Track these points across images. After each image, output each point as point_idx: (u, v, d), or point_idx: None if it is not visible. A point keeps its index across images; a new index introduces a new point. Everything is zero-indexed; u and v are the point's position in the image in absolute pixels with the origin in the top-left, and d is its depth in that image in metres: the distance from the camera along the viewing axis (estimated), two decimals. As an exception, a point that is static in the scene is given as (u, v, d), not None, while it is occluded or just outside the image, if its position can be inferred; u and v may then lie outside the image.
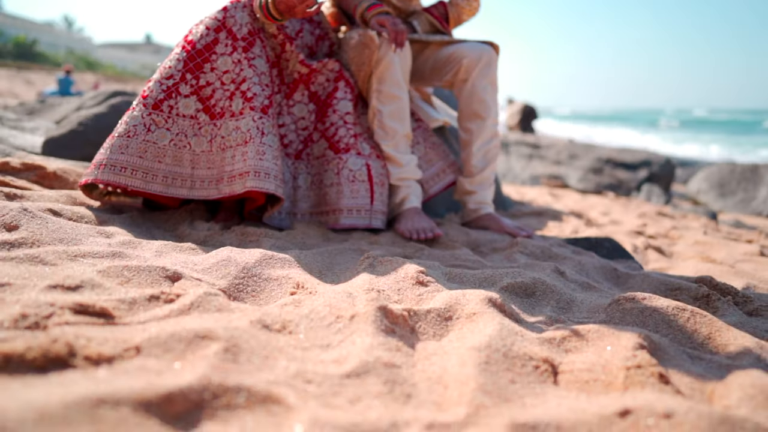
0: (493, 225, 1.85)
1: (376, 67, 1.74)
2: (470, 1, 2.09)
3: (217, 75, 1.55)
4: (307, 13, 1.48)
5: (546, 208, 3.15)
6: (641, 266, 1.67)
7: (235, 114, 1.52)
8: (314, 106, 1.78)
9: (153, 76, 1.56)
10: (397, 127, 1.76)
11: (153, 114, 1.50)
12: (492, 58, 1.84)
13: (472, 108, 1.86)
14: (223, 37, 1.56)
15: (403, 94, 1.76)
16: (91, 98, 4.07)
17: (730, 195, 5.69)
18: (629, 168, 7.14)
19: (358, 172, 1.67)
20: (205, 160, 1.53)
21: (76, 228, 1.18)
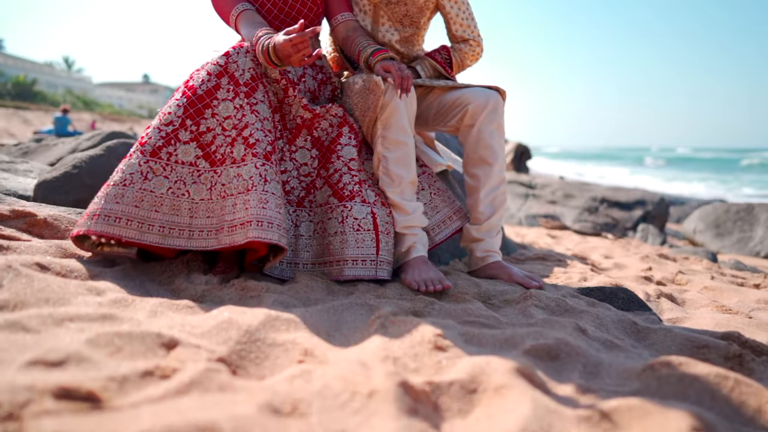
0: (503, 274, 1.78)
1: (381, 113, 1.70)
2: (473, 47, 2.08)
3: (218, 121, 1.50)
4: (304, 61, 1.45)
5: (549, 252, 3.09)
6: (659, 318, 1.59)
7: (237, 161, 1.47)
8: (317, 152, 1.73)
9: (152, 122, 1.51)
10: (402, 174, 1.71)
11: (151, 161, 1.44)
12: (498, 104, 1.81)
13: (479, 154, 1.81)
14: (225, 82, 1.52)
15: (409, 140, 1.72)
16: (87, 139, 4.03)
17: (726, 235, 5.66)
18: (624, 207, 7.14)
19: (363, 220, 1.60)
20: (205, 208, 1.47)
21: (65, 285, 1.10)
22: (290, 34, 1.44)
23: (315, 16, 1.87)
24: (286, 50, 1.44)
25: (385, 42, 2.04)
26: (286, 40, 1.42)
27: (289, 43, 1.42)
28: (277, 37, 1.46)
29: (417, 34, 2.09)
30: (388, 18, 2.02)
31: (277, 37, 1.47)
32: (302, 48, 1.44)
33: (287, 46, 1.42)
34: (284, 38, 1.43)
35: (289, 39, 1.41)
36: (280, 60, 1.49)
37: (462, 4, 2.04)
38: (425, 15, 2.05)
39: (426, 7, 2.03)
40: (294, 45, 1.42)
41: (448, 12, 2.04)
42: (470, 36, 2.07)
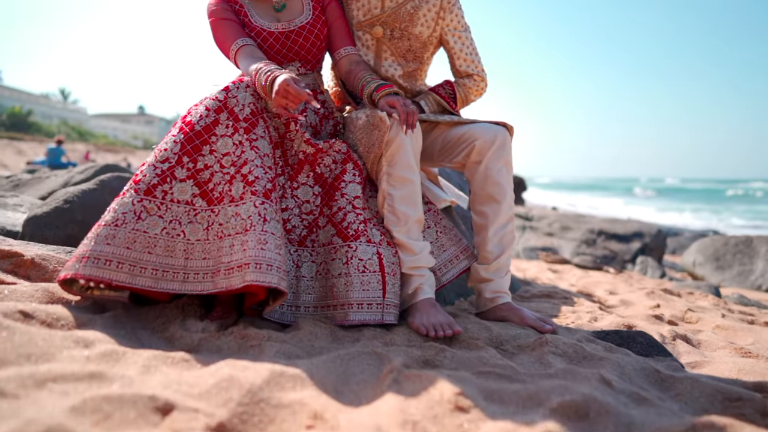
0: (514, 317, 1.70)
1: (386, 149, 1.64)
2: (477, 82, 2.05)
3: (216, 158, 1.43)
4: (284, 111, 1.44)
5: (553, 289, 3.01)
6: (681, 364, 1.51)
7: (235, 199, 1.40)
8: (320, 189, 1.67)
9: (147, 159, 1.44)
10: (409, 212, 1.64)
11: (145, 200, 1.37)
12: (506, 140, 1.76)
13: (487, 191, 1.75)
14: (223, 118, 1.46)
15: (415, 177, 1.66)
16: (79, 172, 3.95)
17: (727, 268, 5.62)
18: (622, 240, 7.11)
19: (368, 261, 1.53)
20: (201, 249, 1.39)
21: (50, 338, 1.01)
22: (297, 82, 1.40)
23: (318, 50, 1.84)
24: (279, 93, 1.41)
25: (388, 77, 2.01)
26: (287, 87, 1.39)
27: (286, 91, 1.39)
28: (281, 75, 1.42)
29: (420, 68, 2.06)
30: (391, 53, 1.99)
31: (281, 74, 1.43)
32: (291, 102, 1.42)
33: (285, 96, 1.41)
34: (286, 83, 1.40)
35: (289, 89, 1.39)
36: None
37: (466, 39, 2.02)
38: (429, 50, 2.03)
39: (429, 42, 2.00)
40: (288, 96, 1.40)
41: (451, 47, 2.01)
42: (474, 71, 2.04)
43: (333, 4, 1.90)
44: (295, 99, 1.39)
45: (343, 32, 1.90)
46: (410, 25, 1.95)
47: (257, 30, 1.74)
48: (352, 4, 1.98)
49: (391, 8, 1.94)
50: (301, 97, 1.38)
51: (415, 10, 1.94)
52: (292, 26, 1.78)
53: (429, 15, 1.96)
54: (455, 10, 1.98)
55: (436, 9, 1.96)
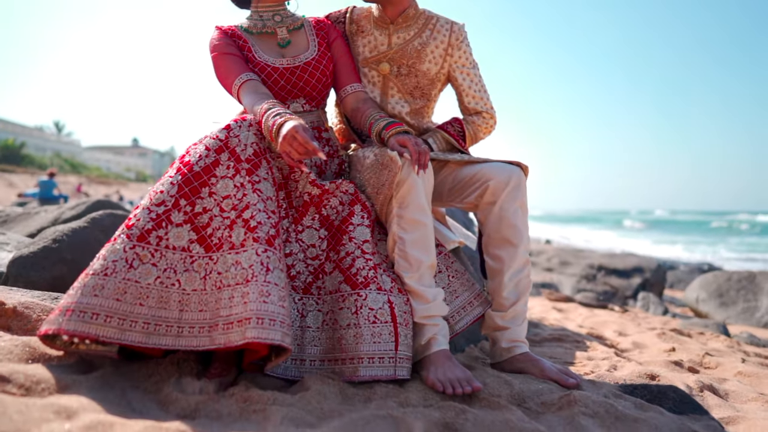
0: (533, 369, 1.58)
1: (396, 191, 1.55)
2: (486, 119, 1.99)
3: (216, 201, 1.33)
4: (290, 162, 1.38)
5: (562, 331, 2.89)
6: (718, 422, 1.39)
7: (236, 246, 1.29)
8: (326, 232, 1.56)
9: (141, 201, 1.34)
10: (421, 257, 1.54)
11: (138, 247, 1.26)
12: (521, 180, 1.67)
13: (502, 234, 1.66)
14: (224, 158, 1.37)
15: (428, 220, 1.56)
16: (70, 208, 3.83)
17: (731, 305, 5.52)
18: (622, 275, 7.02)
19: (379, 311, 1.42)
20: (197, 300, 1.27)
21: (27, 409, 0.89)
22: (306, 130, 1.33)
23: (323, 87, 1.76)
24: (286, 139, 1.33)
25: (395, 114, 1.94)
26: (296, 134, 1.32)
27: (293, 138, 1.32)
28: (290, 122, 1.34)
29: (427, 106, 1.99)
30: (398, 90, 1.93)
31: (290, 120, 1.35)
32: (295, 151, 1.34)
33: (291, 142, 1.32)
34: (295, 130, 1.32)
35: (297, 136, 1.31)
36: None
37: (474, 76, 1.96)
38: (436, 87, 1.97)
39: (437, 79, 1.94)
40: (294, 144, 1.32)
41: (460, 84, 1.95)
42: (483, 108, 1.97)
43: (339, 41, 1.84)
44: (299, 148, 1.31)
45: (349, 69, 1.83)
46: (418, 62, 1.89)
47: (261, 65, 1.66)
48: (358, 40, 1.92)
49: (398, 45, 1.89)
50: (307, 146, 1.30)
51: (423, 47, 1.89)
52: (297, 62, 1.71)
53: (437, 52, 1.90)
54: (463, 47, 1.93)
55: (444, 46, 1.90)
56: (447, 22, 1.93)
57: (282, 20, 1.75)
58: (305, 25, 1.81)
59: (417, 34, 1.90)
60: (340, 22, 1.96)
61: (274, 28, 1.73)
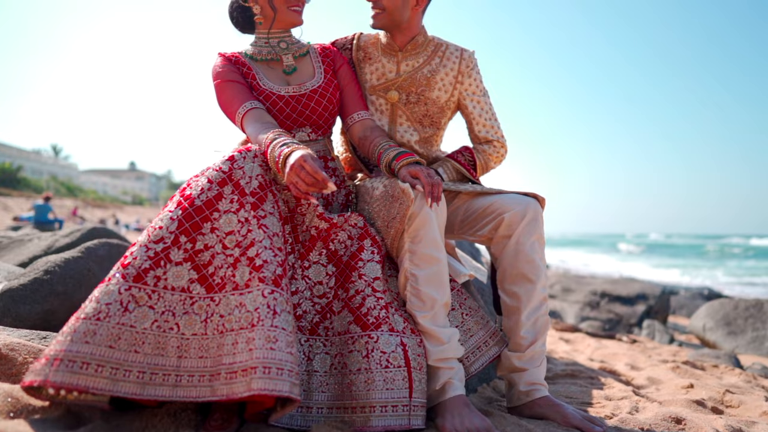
0: (555, 415, 1.48)
1: (408, 224, 1.47)
2: (497, 148, 1.92)
3: (218, 237, 1.25)
4: (298, 193, 1.29)
5: (574, 365, 2.79)
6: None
7: (240, 286, 1.20)
8: (334, 269, 1.47)
9: (138, 238, 1.25)
10: (435, 295, 1.45)
11: (134, 288, 1.17)
12: (538, 213, 1.60)
13: (519, 269, 1.57)
14: (228, 191, 1.28)
15: (441, 256, 1.48)
16: (65, 235, 3.72)
17: (740, 334, 5.41)
18: (626, 302, 6.93)
19: (392, 354, 1.32)
20: (197, 346, 1.18)
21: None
22: (315, 159, 1.25)
23: (330, 115, 1.70)
24: (294, 169, 1.25)
25: (403, 143, 1.87)
26: (304, 163, 1.24)
27: (301, 167, 1.24)
28: (298, 151, 1.26)
29: (436, 134, 1.93)
30: (407, 118, 1.86)
31: (298, 150, 1.27)
32: (302, 181, 1.25)
33: (298, 172, 1.25)
34: (303, 159, 1.24)
35: (305, 165, 1.24)
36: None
37: (485, 104, 1.90)
38: (446, 115, 1.90)
39: (447, 107, 1.88)
40: (301, 174, 1.24)
41: (470, 112, 1.89)
42: (494, 137, 1.91)
43: (345, 68, 1.78)
44: (307, 178, 1.23)
45: (356, 96, 1.77)
46: (427, 90, 1.83)
47: (266, 93, 1.60)
48: (365, 67, 1.86)
49: (407, 72, 1.83)
50: (316, 176, 1.22)
51: (432, 74, 1.83)
52: (303, 90, 1.65)
53: (447, 79, 1.84)
54: (474, 74, 1.87)
55: (454, 73, 1.84)
56: (457, 49, 1.87)
57: (287, 47, 1.69)
58: (311, 52, 1.75)
59: (426, 62, 1.84)
60: (346, 48, 1.90)
61: (280, 55, 1.67)
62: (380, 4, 1.72)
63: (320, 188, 1.23)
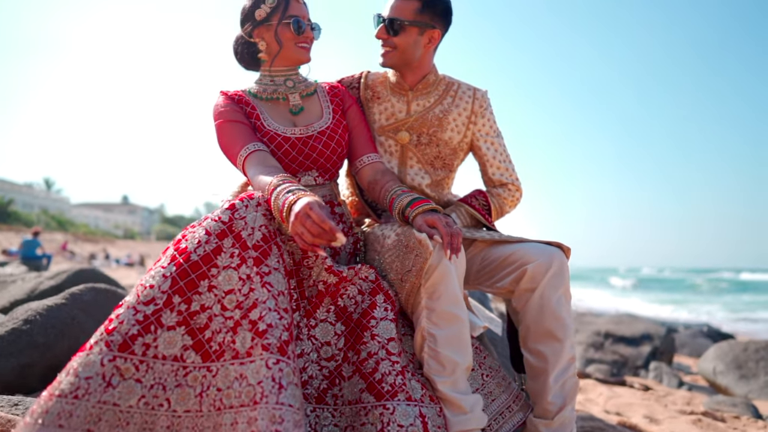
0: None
1: (426, 279, 1.33)
2: (512, 191, 1.81)
3: (216, 296, 1.11)
4: (305, 245, 1.13)
5: (591, 420, 2.61)
6: None
7: (240, 354, 1.05)
8: (343, 327, 1.33)
9: (126, 298, 1.10)
10: (456, 358, 1.31)
11: (119, 359, 1.02)
12: (563, 264, 1.47)
13: (545, 326, 1.44)
14: (228, 244, 1.15)
15: (462, 314, 1.34)
16: (50, 277, 3.55)
17: (752, 378, 5.24)
18: (630, 343, 6.77)
19: (410, 428, 1.16)
20: (191, 425, 1.02)
21: None
22: (323, 207, 1.11)
23: (338, 158, 1.58)
24: (299, 218, 1.10)
25: (414, 186, 1.75)
26: (310, 211, 1.09)
27: (307, 216, 1.09)
28: (304, 198, 1.13)
29: (448, 177, 1.82)
30: (418, 160, 1.75)
31: (304, 197, 1.14)
32: (308, 232, 1.10)
33: (304, 222, 1.10)
34: (310, 206, 1.10)
35: (312, 213, 1.09)
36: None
37: (499, 146, 1.80)
38: (459, 157, 1.80)
39: (460, 148, 1.77)
40: (306, 224, 1.10)
41: (484, 153, 1.79)
42: (509, 180, 1.80)
43: (354, 108, 1.68)
44: (313, 228, 1.08)
45: (365, 138, 1.66)
46: (439, 130, 1.73)
47: (271, 135, 1.49)
48: (373, 107, 1.76)
49: (418, 112, 1.73)
50: (323, 225, 1.08)
51: (445, 115, 1.73)
52: (311, 131, 1.54)
53: (459, 119, 1.74)
54: (487, 114, 1.78)
55: (467, 113, 1.75)
56: (469, 89, 1.79)
57: (294, 86, 1.59)
58: (318, 91, 1.65)
59: (438, 101, 1.75)
60: (353, 87, 1.81)
61: (286, 94, 1.57)
62: (391, 42, 1.64)
63: (328, 239, 1.10)
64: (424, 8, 1.61)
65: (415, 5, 1.60)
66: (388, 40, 1.64)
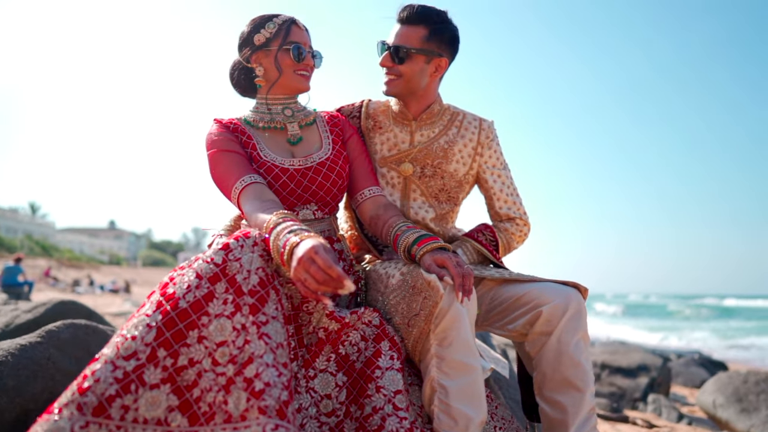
0: None
1: (436, 324, 1.22)
2: (520, 226, 1.72)
3: (207, 349, 0.99)
4: (309, 294, 1.02)
5: (599, 463, 2.49)
6: None
7: (234, 418, 0.93)
8: (345, 378, 1.21)
9: (104, 350, 0.98)
10: (469, 413, 1.19)
11: (92, 425, 0.89)
12: (581, 306, 1.37)
13: (563, 374, 1.33)
14: (221, 289, 1.03)
15: (476, 362, 1.23)
16: (27, 311, 3.38)
17: (753, 411, 5.13)
18: (627, 374, 6.66)
19: (421, 496, 1.04)
20: (175, 500, 0.89)
21: None
22: (328, 251, 1.00)
23: (338, 191, 1.49)
24: (302, 263, 0.99)
25: (417, 220, 1.66)
26: (315, 256, 0.98)
27: (311, 261, 0.98)
28: (308, 241, 1.02)
29: (453, 210, 1.73)
30: (421, 193, 1.66)
31: (307, 240, 1.03)
32: (312, 279, 0.99)
33: (308, 267, 0.99)
34: (315, 251, 0.99)
35: (317, 259, 0.98)
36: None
37: (506, 179, 1.72)
38: (464, 189, 1.71)
39: (465, 180, 1.69)
40: (311, 270, 0.99)
41: (490, 186, 1.70)
42: (516, 214, 1.71)
43: (355, 138, 1.59)
44: (318, 274, 0.97)
45: (366, 170, 1.57)
46: (444, 162, 1.65)
47: (268, 166, 1.39)
48: (375, 137, 1.68)
49: (422, 143, 1.65)
50: (329, 272, 0.97)
51: (450, 146, 1.65)
52: (310, 162, 1.44)
53: (465, 151, 1.66)
54: (494, 145, 1.70)
55: (473, 144, 1.67)
56: (475, 119, 1.71)
57: (293, 114, 1.50)
58: (318, 121, 1.56)
59: (443, 132, 1.67)
60: (353, 116, 1.73)
61: (284, 123, 1.48)
62: (396, 70, 1.56)
63: (334, 287, 0.99)
64: (431, 36, 1.54)
65: (422, 33, 1.53)
66: (392, 67, 1.56)
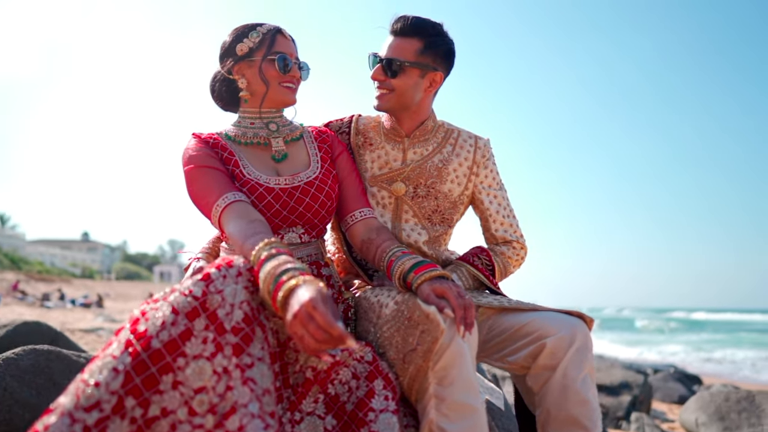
0: None
1: (435, 361, 1.12)
2: (517, 250, 1.65)
3: (183, 397, 0.87)
4: (309, 350, 0.91)
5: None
6: None
7: (213, 477, 0.81)
8: (335, 422, 1.10)
9: (60, 399, 0.85)
10: (472, 459, 1.09)
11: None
12: (587, 339, 1.29)
13: (569, 411, 1.24)
14: (200, 326, 0.91)
15: (479, 403, 1.13)
16: (-13, 332, 3.17)
17: (735, 430, 5.12)
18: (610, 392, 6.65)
19: None
20: None
21: None
22: (326, 302, 0.89)
23: (327, 213, 1.38)
24: (300, 318, 0.88)
25: (410, 243, 1.56)
26: (314, 312, 0.87)
27: (310, 317, 0.87)
28: (306, 290, 0.90)
29: (446, 233, 1.64)
30: (414, 214, 1.57)
31: (305, 287, 0.91)
32: (310, 336, 0.88)
33: (306, 324, 0.87)
34: (313, 305, 0.87)
35: (315, 315, 0.87)
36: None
37: (503, 200, 1.64)
38: (459, 211, 1.63)
39: (460, 201, 1.60)
40: (309, 327, 0.87)
41: (486, 208, 1.62)
42: (513, 237, 1.64)
43: (344, 155, 1.50)
44: (318, 333, 0.86)
45: (357, 190, 1.47)
46: (438, 182, 1.56)
47: (252, 184, 1.28)
48: (365, 154, 1.59)
49: (415, 162, 1.56)
50: (331, 331, 0.85)
51: (444, 165, 1.57)
52: (297, 182, 1.34)
53: (460, 170, 1.58)
54: (490, 164, 1.62)
55: (469, 163, 1.59)
56: (470, 137, 1.63)
57: (278, 129, 1.40)
58: (305, 136, 1.46)
59: (437, 150, 1.59)
60: (342, 132, 1.63)
61: (268, 139, 1.37)
62: (388, 84, 1.48)
63: (335, 345, 0.88)
64: (426, 49, 1.46)
65: (416, 45, 1.45)
66: (385, 81, 1.48)
